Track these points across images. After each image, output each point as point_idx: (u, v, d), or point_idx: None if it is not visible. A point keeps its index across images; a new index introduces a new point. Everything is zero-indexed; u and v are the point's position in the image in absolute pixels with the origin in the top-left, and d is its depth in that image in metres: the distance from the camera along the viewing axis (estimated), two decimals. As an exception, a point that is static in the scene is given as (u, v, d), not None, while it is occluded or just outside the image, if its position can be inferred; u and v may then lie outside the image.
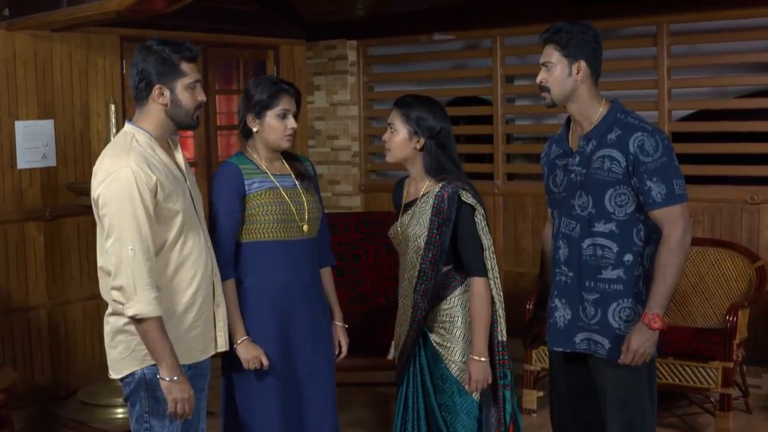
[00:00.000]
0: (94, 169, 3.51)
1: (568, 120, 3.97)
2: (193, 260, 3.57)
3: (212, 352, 3.72)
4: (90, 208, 6.07)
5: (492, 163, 7.54)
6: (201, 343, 3.65)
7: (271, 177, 4.04)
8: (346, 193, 8.25)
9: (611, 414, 3.84)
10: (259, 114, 4.01)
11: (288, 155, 4.15)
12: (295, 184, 4.08)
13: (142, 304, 3.36)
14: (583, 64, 3.81)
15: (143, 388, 3.54)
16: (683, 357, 5.75)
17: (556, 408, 4.15)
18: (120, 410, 6.11)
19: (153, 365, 3.49)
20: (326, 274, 4.28)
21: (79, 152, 6.68)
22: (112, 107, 6.13)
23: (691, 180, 6.05)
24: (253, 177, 4.01)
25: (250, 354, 3.93)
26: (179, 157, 3.67)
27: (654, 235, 3.78)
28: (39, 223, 6.47)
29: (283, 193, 4.02)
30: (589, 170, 3.78)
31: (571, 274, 3.87)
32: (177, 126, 3.62)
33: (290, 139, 4.05)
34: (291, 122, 4.03)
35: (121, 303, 3.38)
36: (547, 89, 3.85)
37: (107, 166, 3.43)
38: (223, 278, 3.85)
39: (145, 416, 3.56)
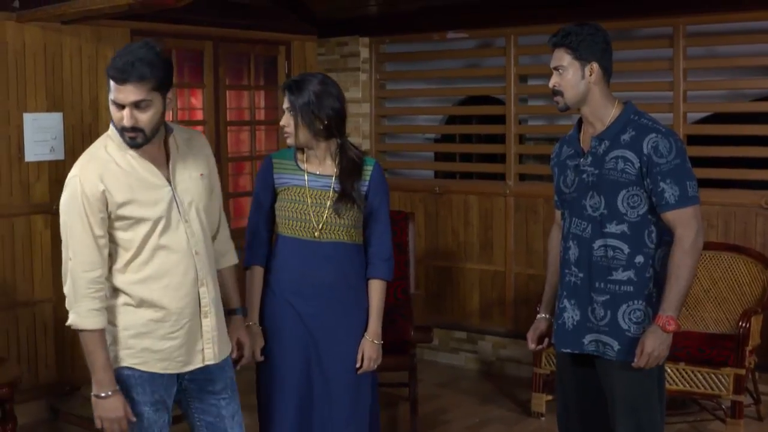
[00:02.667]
0: None
1: (580, 121, 3.98)
2: (167, 269, 3.51)
3: (199, 365, 3.61)
4: None
5: (504, 163, 7.53)
6: (183, 354, 3.57)
7: (305, 175, 4.07)
8: (357, 191, 8.21)
9: (620, 418, 3.84)
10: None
11: (351, 163, 4.11)
12: (329, 188, 4.07)
13: (77, 315, 3.42)
14: (595, 65, 3.83)
15: (121, 385, 3.51)
16: (695, 363, 5.75)
17: (563, 411, 4.14)
18: None
19: (123, 367, 3.52)
20: (371, 286, 4.20)
21: (87, 146, 6.36)
22: None
23: (705, 183, 6.12)
24: (286, 172, 4.10)
25: (249, 340, 4.02)
26: (174, 158, 3.58)
27: (665, 237, 3.79)
28: (46, 216, 6.45)
29: (308, 192, 4.06)
30: (602, 171, 3.80)
31: (581, 274, 3.88)
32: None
33: (287, 136, 4.06)
34: (282, 120, 4.09)
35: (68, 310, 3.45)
36: (560, 93, 3.86)
37: (70, 173, 3.51)
38: (246, 264, 4.12)
39: None
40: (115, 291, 3.50)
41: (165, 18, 6.80)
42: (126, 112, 3.36)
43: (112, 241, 3.47)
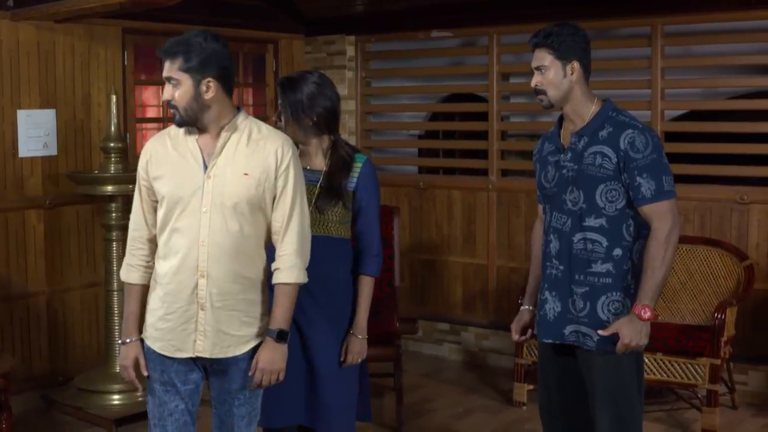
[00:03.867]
0: None
1: (561, 118, 4.03)
2: (175, 251, 3.57)
3: (190, 354, 3.59)
4: (90, 197, 6.40)
5: (486, 159, 7.58)
6: (175, 339, 3.60)
7: None
8: (342, 186, 8.24)
9: (600, 407, 3.89)
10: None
11: (341, 160, 4.14)
12: (316, 184, 4.08)
13: (122, 267, 3.75)
14: (576, 64, 3.88)
15: None
16: (672, 353, 5.80)
17: (544, 400, 4.18)
18: (116, 396, 6.20)
19: (144, 339, 3.70)
20: (360, 282, 4.21)
21: (79, 142, 6.70)
22: (113, 98, 6.23)
23: (682, 179, 6.20)
24: None
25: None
26: (221, 151, 3.57)
27: (643, 230, 3.85)
28: (39, 211, 6.50)
29: None
30: (580, 166, 3.86)
31: (561, 267, 3.93)
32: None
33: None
34: (276, 115, 4.18)
35: None
36: (543, 92, 3.91)
37: None
38: None
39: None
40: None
41: (156, 16, 6.82)
42: (166, 85, 3.55)
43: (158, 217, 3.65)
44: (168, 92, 3.53)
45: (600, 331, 3.81)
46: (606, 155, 3.81)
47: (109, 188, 6.18)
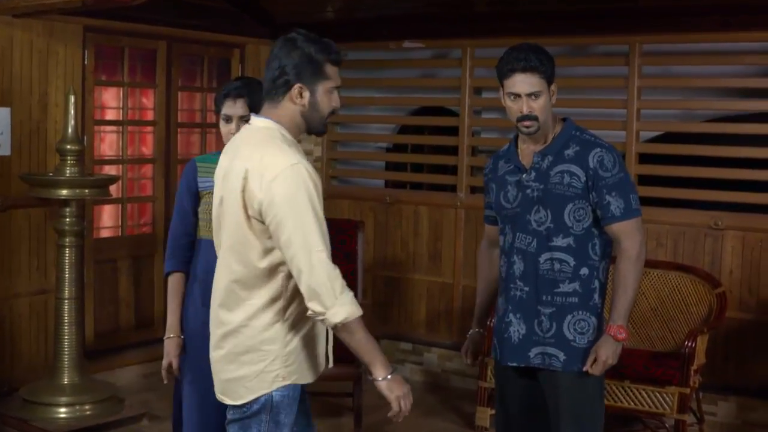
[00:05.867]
0: (252, 166, 3.21)
1: (516, 137, 4.03)
2: None
3: (322, 369, 3.51)
4: (44, 200, 6.23)
5: (456, 175, 7.53)
6: (325, 354, 3.51)
7: None
8: (307, 198, 8.14)
9: (564, 428, 3.90)
10: (217, 115, 4.07)
11: None
12: None
13: (348, 305, 3.19)
14: (554, 87, 3.91)
15: (267, 412, 3.35)
16: (640, 380, 5.76)
17: (503, 425, 4.17)
18: (63, 409, 6.10)
19: (283, 387, 3.34)
20: None
21: (35, 142, 6.56)
22: (72, 98, 6.08)
23: (655, 202, 6.27)
24: (209, 176, 3.94)
25: (165, 350, 4.05)
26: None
27: (607, 249, 3.93)
28: (-10, 212, 6.36)
29: None
30: (547, 185, 3.87)
31: (527, 288, 3.93)
32: (307, 130, 3.39)
33: None
34: (231, 127, 4.00)
35: (321, 312, 3.16)
36: (535, 118, 3.85)
37: (276, 164, 3.18)
38: (166, 270, 4.08)
39: None
40: None
41: (119, 16, 6.76)
42: None
43: None
44: None
45: (586, 368, 3.84)
46: (574, 174, 3.85)
47: (64, 192, 6.06)
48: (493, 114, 7.63)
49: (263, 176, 3.16)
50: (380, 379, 3.26)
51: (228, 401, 3.38)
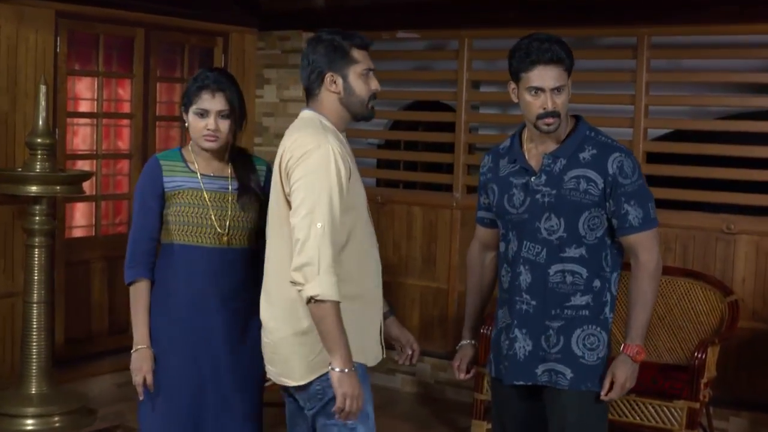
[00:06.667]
0: (286, 147, 3.53)
1: (520, 134, 3.92)
2: (369, 254, 3.69)
3: (380, 358, 3.75)
4: (12, 197, 6.06)
5: (451, 173, 7.42)
6: (379, 342, 3.73)
7: (198, 177, 3.92)
8: (292, 195, 8.04)
9: None
10: (186, 110, 3.93)
11: (243, 159, 4.06)
12: (228, 190, 3.95)
13: (325, 285, 3.33)
14: (570, 80, 3.80)
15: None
16: (646, 394, 5.63)
17: None
18: (30, 421, 6.00)
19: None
20: None
21: (2, 136, 6.39)
22: (43, 88, 5.97)
23: (664, 204, 6.07)
24: (176, 175, 3.92)
25: (137, 365, 3.87)
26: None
27: (618, 259, 3.84)
28: (-45, 206, 6.24)
29: (206, 195, 3.90)
30: (560, 191, 3.75)
31: (534, 302, 3.80)
32: (352, 116, 3.68)
33: (210, 140, 3.89)
34: (208, 123, 3.87)
35: (300, 283, 3.35)
36: (558, 115, 3.71)
37: (306, 143, 3.48)
38: (131, 278, 3.89)
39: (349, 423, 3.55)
40: None
41: (94, 0, 6.67)
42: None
43: None
44: None
45: (604, 393, 3.77)
46: (591, 180, 3.72)
47: (34, 188, 5.95)
48: (492, 109, 7.58)
49: (293, 154, 3.45)
50: (336, 369, 3.37)
51: (294, 382, 3.61)
